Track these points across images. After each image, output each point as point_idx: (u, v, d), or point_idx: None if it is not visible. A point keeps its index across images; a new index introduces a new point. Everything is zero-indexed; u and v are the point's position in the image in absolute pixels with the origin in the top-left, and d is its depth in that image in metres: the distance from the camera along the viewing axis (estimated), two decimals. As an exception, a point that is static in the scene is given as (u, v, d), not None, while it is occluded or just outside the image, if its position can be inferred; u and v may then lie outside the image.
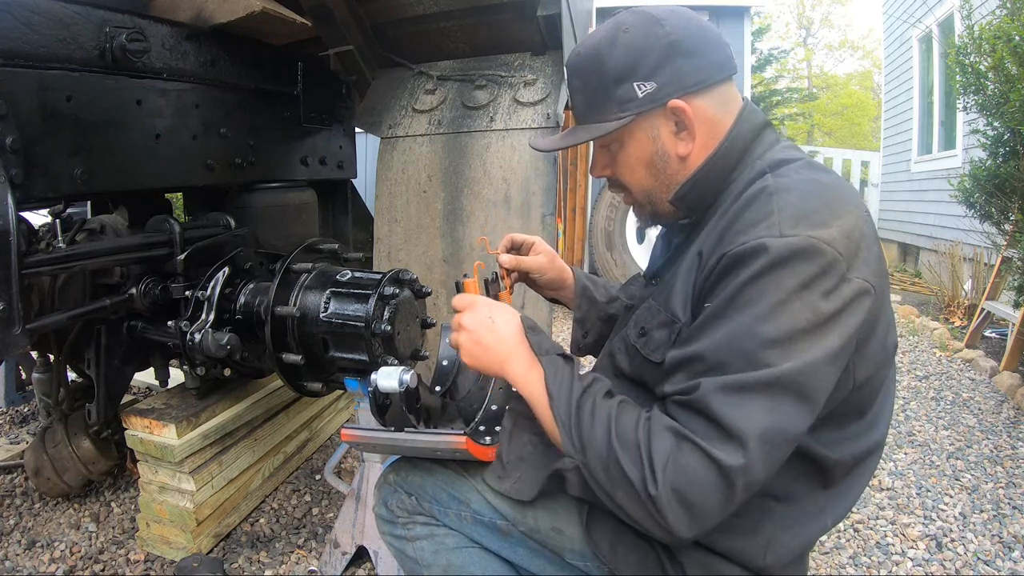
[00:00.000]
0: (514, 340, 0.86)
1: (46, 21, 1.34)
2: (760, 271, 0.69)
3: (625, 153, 0.89)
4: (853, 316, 0.71)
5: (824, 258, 0.69)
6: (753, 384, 0.67)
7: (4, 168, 1.20)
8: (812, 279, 0.69)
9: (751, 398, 0.67)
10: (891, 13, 7.49)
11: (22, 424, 2.46)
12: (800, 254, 0.69)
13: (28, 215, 1.65)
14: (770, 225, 0.71)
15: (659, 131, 0.86)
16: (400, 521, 0.95)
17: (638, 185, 0.91)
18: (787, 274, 0.69)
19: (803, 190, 0.75)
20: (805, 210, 0.72)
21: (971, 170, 3.58)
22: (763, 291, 0.69)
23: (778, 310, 0.68)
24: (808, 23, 24.15)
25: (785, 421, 0.68)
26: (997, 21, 3.18)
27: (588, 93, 0.87)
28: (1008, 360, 3.18)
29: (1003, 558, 1.72)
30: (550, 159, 1.83)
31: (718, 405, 0.67)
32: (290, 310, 1.43)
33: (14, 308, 1.19)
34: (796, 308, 0.68)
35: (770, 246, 0.69)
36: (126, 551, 1.70)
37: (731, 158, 0.85)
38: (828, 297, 0.69)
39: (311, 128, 2.24)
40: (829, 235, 0.70)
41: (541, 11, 1.85)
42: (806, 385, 0.68)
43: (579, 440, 0.74)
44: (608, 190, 1.14)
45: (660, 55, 0.82)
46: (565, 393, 0.78)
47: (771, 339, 0.67)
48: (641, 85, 0.83)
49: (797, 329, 0.68)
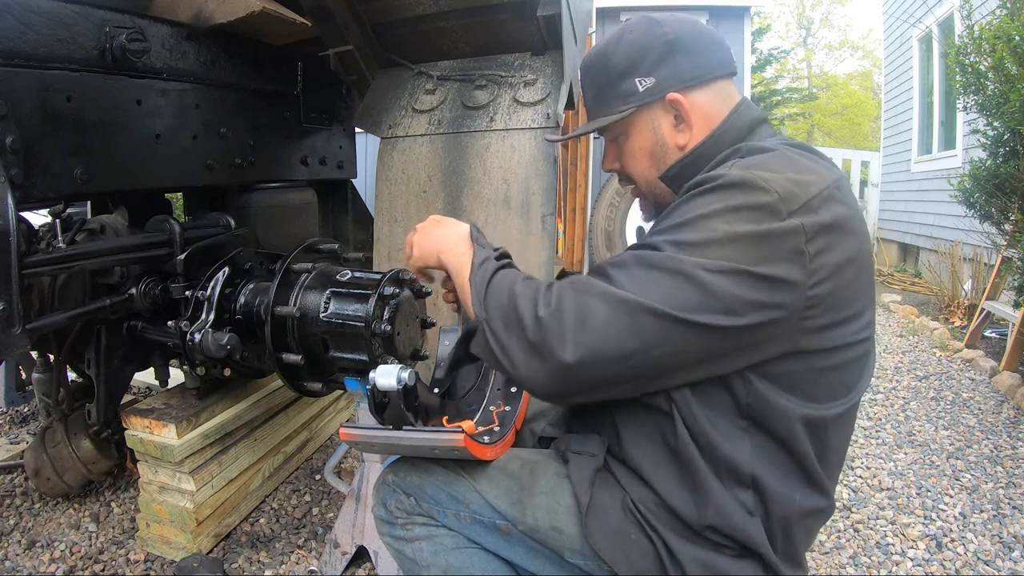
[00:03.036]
0: (458, 235, 0.95)
1: (46, 21, 1.34)
2: (696, 194, 0.76)
3: (630, 144, 0.97)
4: (778, 249, 0.71)
5: (759, 192, 0.73)
6: (647, 261, 0.73)
7: (4, 168, 1.20)
8: (740, 205, 0.73)
9: (651, 271, 0.73)
10: (891, 13, 7.49)
11: (22, 424, 2.46)
12: (737, 184, 0.74)
13: (28, 215, 1.65)
14: (725, 167, 0.78)
15: (659, 123, 0.93)
16: (399, 522, 0.95)
17: (642, 175, 0.98)
18: (717, 197, 0.74)
19: (772, 154, 0.80)
20: (763, 162, 0.78)
21: (971, 170, 3.59)
22: (692, 207, 0.75)
23: (698, 222, 0.73)
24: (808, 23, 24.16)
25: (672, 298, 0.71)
26: (997, 21, 3.18)
27: (596, 89, 0.96)
28: (1008, 360, 3.18)
29: (1003, 558, 1.72)
30: (550, 159, 1.83)
31: (618, 268, 0.76)
32: (290, 310, 1.43)
33: (14, 308, 1.19)
34: (716, 223, 0.72)
35: (712, 176, 0.77)
36: (126, 551, 1.70)
37: (722, 144, 0.89)
38: (749, 222, 0.72)
39: (311, 128, 2.24)
40: (772, 178, 0.74)
41: (541, 11, 1.85)
42: (708, 281, 0.70)
43: (485, 298, 0.81)
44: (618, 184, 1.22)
45: (659, 53, 0.90)
46: (484, 267, 0.85)
47: (684, 242, 0.73)
48: (642, 80, 0.91)
49: (710, 240, 0.72)
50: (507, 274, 0.84)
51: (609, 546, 0.83)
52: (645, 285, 0.72)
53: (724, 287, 0.70)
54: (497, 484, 0.91)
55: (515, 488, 0.90)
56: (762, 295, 0.71)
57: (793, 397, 0.78)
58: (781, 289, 0.71)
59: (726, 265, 0.70)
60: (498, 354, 0.77)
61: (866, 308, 0.81)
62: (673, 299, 0.70)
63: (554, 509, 0.88)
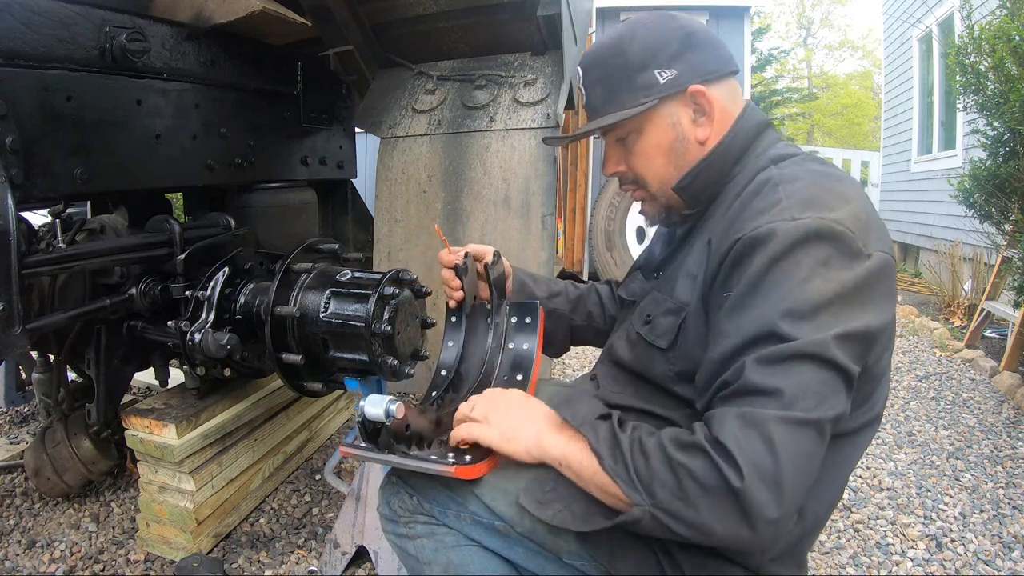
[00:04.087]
0: (545, 414, 0.85)
1: (46, 21, 1.34)
2: (777, 254, 0.71)
3: (644, 142, 0.91)
4: (878, 287, 0.72)
5: (838, 237, 0.71)
6: (791, 355, 0.67)
7: (4, 168, 1.20)
8: (829, 256, 0.70)
9: (792, 367, 0.67)
10: (891, 13, 7.49)
11: (22, 424, 2.46)
12: (814, 235, 0.70)
13: (28, 215, 1.65)
14: (780, 211, 0.73)
15: (679, 117, 0.89)
16: (402, 520, 0.96)
17: (655, 175, 0.92)
18: (804, 254, 0.70)
19: (807, 179, 0.78)
20: (812, 196, 0.75)
21: (971, 170, 3.59)
22: (784, 273, 0.70)
23: (802, 287, 0.69)
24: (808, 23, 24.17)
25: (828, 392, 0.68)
26: (997, 21, 3.18)
27: (608, 83, 0.90)
28: (1008, 360, 3.18)
29: (1003, 558, 1.72)
30: (550, 159, 1.83)
31: (769, 378, 0.67)
32: (290, 310, 1.43)
33: (14, 308, 1.19)
34: (819, 283, 0.69)
35: (782, 229, 0.71)
36: (126, 551, 1.70)
37: (734, 151, 0.88)
38: (848, 270, 0.70)
39: (311, 128, 2.24)
40: (839, 216, 0.72)
41: (541, 11, 1.85)
42: (838, 358, 0.68)
43: (641, 483, 0.71)
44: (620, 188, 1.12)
45: (678, 45, 0.86)
46: (612, 448, 0.75)
47: (797, 312, 0.68)
48: (662, 72, 0.86)
49: (823, 301, 0.69)
50: (643, 446, 0.73)
51: (606, 549, 0.83)
52: (804, 386, 0.67)
53: (852, 352, 0.70)
54: (494, 487, 0.91)
55: (512, 491, 0.90)
56: (876, 340, 0.73)
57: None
58: (888, 328, 0.74)
59: (852, 329, 0.69)
60: (690, 536, 0.70)
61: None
62: (832, 397, 0.68)
63: None
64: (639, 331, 0.90)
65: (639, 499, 0.71)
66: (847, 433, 0.80)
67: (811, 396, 0.66)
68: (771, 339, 0.69)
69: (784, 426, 0.65)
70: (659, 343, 0.85)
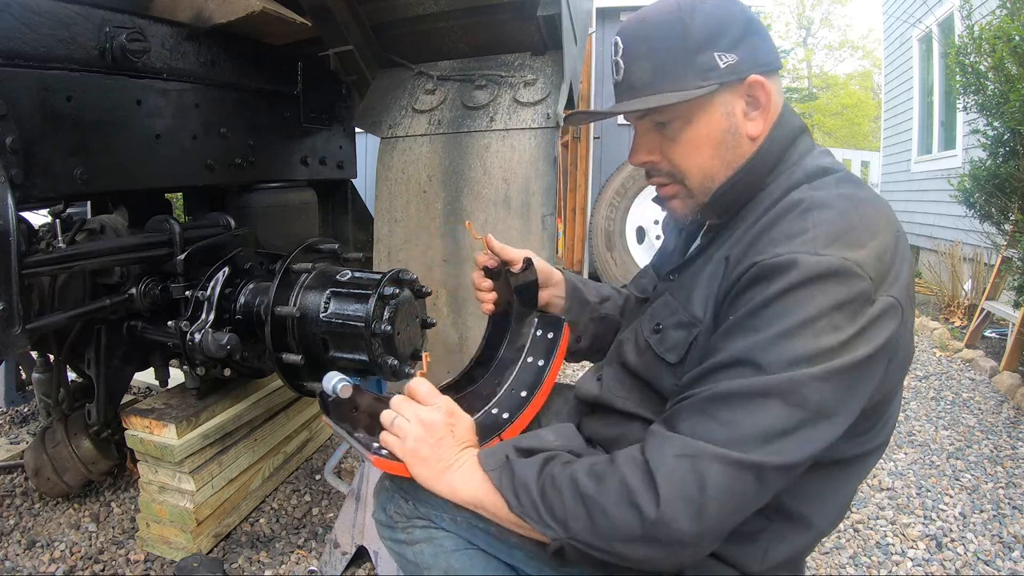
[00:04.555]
0: (467, 455, 0.84)
1: (46, 21, 1.34)
2: (790, 286, 0.68)
3: (692, 130, 0.82)
4: (877, 332, 0.69)
5: (856, 282, 0.68)
6: (758, 390, 0.66)
7: (4, 168, 1.20)
8: (842, 302, 0.67)
9: (763, 402, 0.66)
10: (891, 13, 7.49)
11: (22, 424, 2.46)
12: (833, 275, 0.67)
13: (28, 215, 1.65)
14: (804, 241, 0.70)
15: (734, 107, 0.81)
16: (399, 526, 0.94)
17: (699, 168, 0.84)
18: (818, 293, 0.67)
19: (840, 208, 0.73)
20: (840, 229, 0.71)
21: (971, 170, 3.59)
22: (791, 307, 0.67)
23: (804, 328, 0.66)
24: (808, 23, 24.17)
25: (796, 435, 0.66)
26: (997, 21, 3.18)
27: (661, 59, 0.81)
28: (1008, 360, 3.18)
29: (1003, 558, 1.72)
30: (550, 159, 1.83)
31: (722, 403, 0.67)
32: (290, 310, 1.43)
33: (14, 308, 1.19)
34: (823, 328, 0.66)
35: (802, 262, 0.68)
36: (126, 551, 1.70)
37: (771, 158, 0.83)
38: (854, 322, 0.68)
39: (311, 128, 2.24)
40: (862, 257, 0.69)
41: (541, 11, 1.85)
42: (817, 398, 0.66)
43: (554, 519, 0.72)
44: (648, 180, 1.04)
45: (741, 29, 0.80)
46: (516, 490, 0.75)
47: (796, 356, 0.66)
48: (723, 56, 0.79)
49: (821, 351, 0.66)
50: (555, 481, 0.73)
51: None
52: (762, 426, 0.66)
53: (835, 393, 0.67)
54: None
55: None
56: (868, 380, 0.70)
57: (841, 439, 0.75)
58: (878, 358, 0.70)
59: (835, 367, 0.66)
60: (612, 561, 0.71)
61: (912, 341, 0.80)
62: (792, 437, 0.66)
63: None
64: (648, 339, 0.86)
65: (554, 534, 0.72)
66: (849, 459, 0.79)
67: (761, 438, 0.65)
68: (752, 365, 0.67)
69: (720, 465, 0.65)
70: (668, 357, 0.82)
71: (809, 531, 0.80)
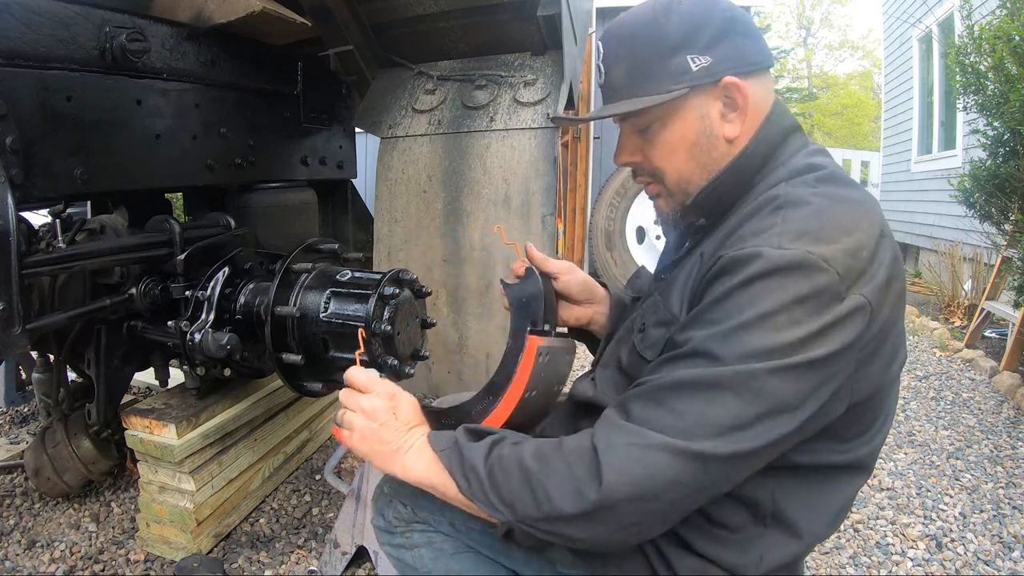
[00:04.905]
0: (418, 434, 0.84)
1: (46, 21, 1.34)
2: (751, 278, 0.67)
3: (668, 132, 0.82)
4: (843, 332, 0.67)
5: (820, 276, 0.66)
6: (710, 381, 0.66)
7: (4, 168, 1.20)
8: (804, 296, 0.66)
9: (715, 392, 0.66)
10: (891, 13, 7.49)
11: (22, 424, 2.46)
12: (795, 268, 0.66)
13: (28, 215, 1.65)
14: (770, 236, 0.69)
15: (709, 110, 0.80)
16: (398, 530, 0.94)
17: (675, 170, 0.84)
18: (778, 286, 0.66)
19: (815, 205, 0.72)
20: (811, 226, 0.70)
21: (971, 170, 3.59)
22: (751, 298, 0.66)
23: (763, 321, 0.65)
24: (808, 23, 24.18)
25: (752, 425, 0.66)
26: (997, 21, 3.18)
27: (636, 62, 0.81)
28: (1008, 360, 3.18)
29: (1003, 558, 1.72)
30: (550, 159, 1.83)
31: (678, 398, 0.67)
32: (290, 310, 1.43)
33: (14, 308, 1.19)
34: (781, 323, 0.65)
35: (765, 255, 0.67)
36: (126, 551, 1.70)
37: (757, 159, 0.82)
38: (817, 316, 0.66)
39: (311, 128, 2.24)
40: (829, 252, 0.67)
41: (541, 11, 1.85)
42: (772, 389, 0.66)
43: (502, 501, 0.72)
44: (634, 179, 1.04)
45: (718, 29, 0.78)
46: (466, 471, 0.75)
47: (752, 350, 0.65)
48: (696, 58, 0.78)
49: (779, 346, 0.65)
50: (502, 462, 0.73)
51: (600, 558, 0.83)
52: (711, 417, 0.66)
53: (790, 388, 0.66)
54: None
55: None
56: (831, 378, 0.68)
57: (827, 443, 0.75)
58: (842, 357, 0.68)
59: (792, 362, 0.65)
60: (560, 543, 0.73)
61: (900, 344, 0.78)
62: (742, 429, 0.65)
63: None
64: (634, 339, 0.86)
65: (502, 516, 0.72)
66: (838, 466, 0.78)
67: (709, 429, 0.65)
68: (709, 359, 0.67)
69: (666, 454, 0.65)
70: (647, 354, 0.82)
71: (800, 539, 0.79)
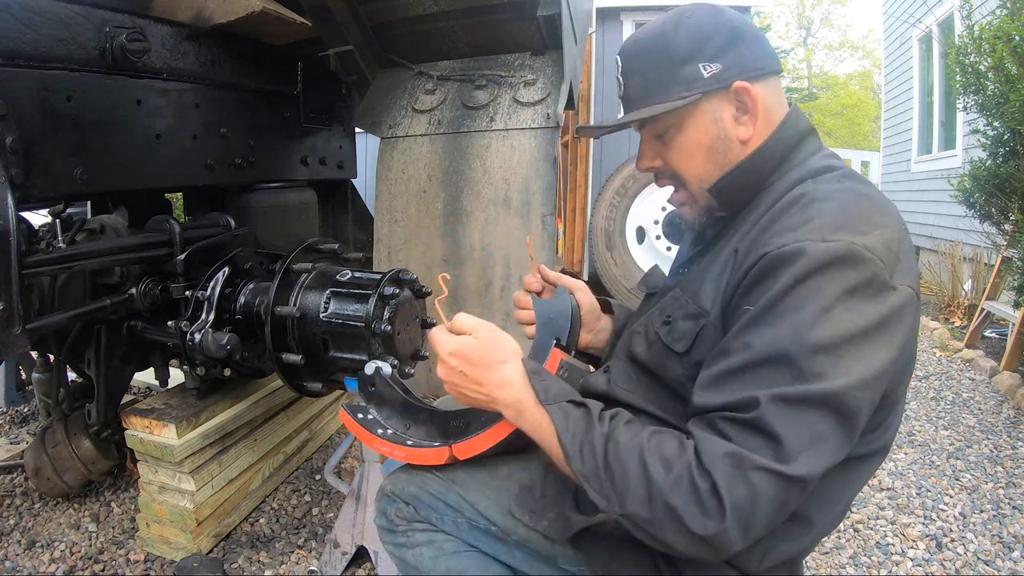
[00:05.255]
0: (518, 384, 0.82)
1: (46, 21, 1.34)
2: (801, 275, 0.69)
3: (684, 138, 0.87)
4: (901, 325, 0.70)
5: (867, 265, 0.69)
6: (808, 398, 0.66)
7: (4, 168, 1.20)
8: (855, 286, 0.68)
9: (806, 412, 0.66)
10: (891, 13, 7.49)
11: (22, 424, 2.46)
12: (842, 260, 0.68)
13: (28, 215, 1.65)
14: (810, 230, 0.71)
15: (722, 113, 0.85)
16: (400, 529, 0.95)
17: (693, 172, 0.88)
18: (828, 280, 0.68)
19: (842, 200, 0.75)
20: (845, 218, 0.72)
21: (971, 170, 3.59)
22: (806, 297, 0.68)
23: (823, 316, 0.67)
24: (808, 23, 24.18)
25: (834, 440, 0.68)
26: (997, 21, 3.18)
27: (649, 75, 0.86)
28: (1008, 360, 3.18)
29: (1003, 558, 1.72)
30: (550, 159, 1.83)
31: (776, 422, 0.66)
32: (290, 310, 1.43)
33: (14, 308, 1.19)
34: (841, 314, 0.67)
35: (811, 250, 0.69)
36: (126, 551, 1.70)
37: (774, 157, 0.85)
38: (873, 303, 0.69)
39: (311, 128, 2.24)
40: (869, 242, 0.70)
41: (541, 11, 1.85)
42: (853, 405, 0.67)
43: (614, 491, 0.71)
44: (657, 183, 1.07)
45: (725, 38, 0.83)
46: (582, 446, 0.74)
47: (819, 346, 0.66)
48: (706, 66, 0.83)
49: (844, 336, 0.67)
50: (619, 452, 0.72)
51: (603, 554, 0.83)
52: (807, 442, 0.66)
53: (869, 398, 0.69)
54: (486, 495, 0.91)
55: (504, 499, 0.90)
56: (892, 376, 0.71)
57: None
58: (906, 360, 0.72)
59: (872, 373, 0.68)
60: (649, 542, 0.71)
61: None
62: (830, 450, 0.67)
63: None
64: (658, 331, 0.87)
65: (607, 506, 0.71)
66: (855, 458, 0.79)
67: (808, 452, 0.66)
68: (783, 365, 0.67)
69: (771, 478, 0.65)
70: (676, 347, 0.83)
71: (810, 532, 0.80)
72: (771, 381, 0.67)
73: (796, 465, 0.65)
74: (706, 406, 0.72)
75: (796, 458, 0.65)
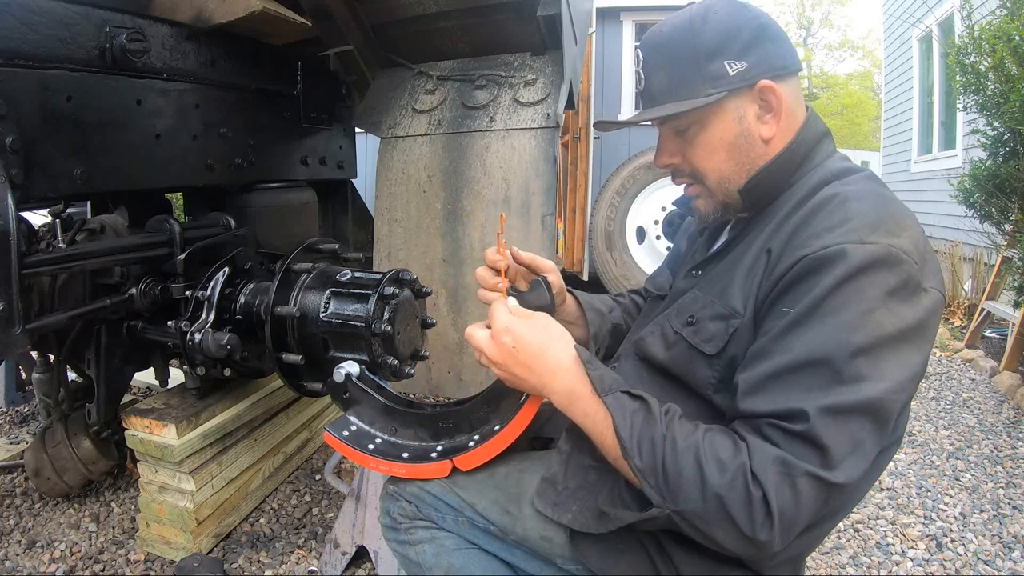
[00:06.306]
0: (574, 373, 0.81)
1: (46, 21, 1.34)
2: (843, 278, 0.69)
3: (707, 135, 0.86)
4: (931, 328, 0.72)
5: (903, 267, 0.70)
6: (854, 408, 0.67)
7: (4, 168, 1.20)
8: (894, 288, 0.69)
9: (850, 421, 0.68)
10: (891, 13, 7.49)
11: (22, 424, 2.46)
12: (883, 261, 0.69)
13: (28, 215, 1.65)
14: (848, 231, 0.71)
15: (745, 112, 0.84)
16: (402, 527, 0.96)
17: (715, 170, 0.88)
18: (870, 283, 0.69)
19: (874, 201, 0.76)
20: (878, 219, 0.73)
21: (971, 170, 3.58)
22: (849, 299, 0.69)
23: (866, 318, 0.68)
24: (808, 23, 24.18)
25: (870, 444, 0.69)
26: (997, 21, 3.18)
27: (675, 69, 0.85)
28: (1008, 360, 3.18)
29: (1003, 558, 1.72)
30: (550, 159, 1.83)
31: (824, 434, 0.67)
32: (290, 310, 1.43)
33: (14, 308, 1.19)
34: (882, 316, 0.68)
35: (851, 252, 0.69)
36: (126, 551, 1.70)
37: (797, 158, 0.85)
38: (909, 305, 0.70)
39: (311, 128, 2.24)
40: (904, 244, 0.71)
41: (541, 11, 1.86)
42: (890, 410, 0.69)
43: (668, 489, 0.71)
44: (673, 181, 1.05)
45: (751, 36, 0.82)
46: (640, 441, 0.74)
47: (860, 348, 0.67)
48: (732, 63, 0.82)
49: (884, 338, 0.68)
50: (675, 448, 0.72)
51: (596, 553, 0.83)
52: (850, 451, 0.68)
53: (903, 401, 0.71)
54: (484, 495, 0.92)
55: (502, 499, 0.90)
56: (920, 379, 0.74)
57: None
58: (927, 355, 0.74)
59: (908, 376, 0.70)
60: (696, 539, 0.73)
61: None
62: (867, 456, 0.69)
63: (544, 518, 0.87)
64: (680, 332, 0.86)
65: (660, 502, 0.72)
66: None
67: (851, 460, 0.68)
68: (824, 368, 0.68)
69: (816, 484, 0.67)
70: (705, 348, 0.82)
71: (819, 527, 0.81)
72: (814, 386, 0.68)
73: (839, 472, 0.67)
74: (754, 412, 0.72)
75: (839, 465, 0.67)
